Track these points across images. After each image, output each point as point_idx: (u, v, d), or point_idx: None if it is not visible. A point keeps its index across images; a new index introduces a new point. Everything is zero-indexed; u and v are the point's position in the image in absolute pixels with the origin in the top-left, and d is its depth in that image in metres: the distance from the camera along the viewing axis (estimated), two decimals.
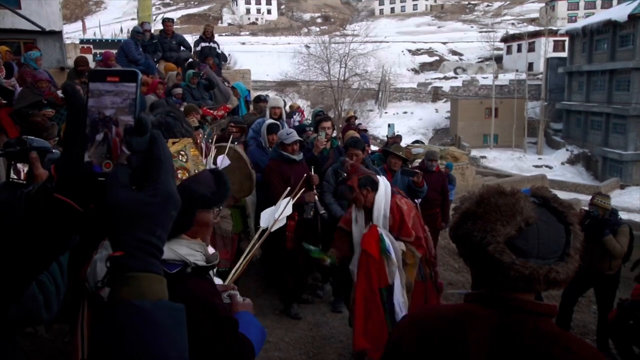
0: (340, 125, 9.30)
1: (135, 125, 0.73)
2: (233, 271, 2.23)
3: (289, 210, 3.01)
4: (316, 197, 4.98)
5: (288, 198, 3.06)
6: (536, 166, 35.18)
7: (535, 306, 1.20)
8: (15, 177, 1.53)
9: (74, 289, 2.21)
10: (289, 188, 3.43)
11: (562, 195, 24.39)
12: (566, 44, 41.47)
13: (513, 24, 70.38)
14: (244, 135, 6.11)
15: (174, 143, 1.47)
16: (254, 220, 5.01)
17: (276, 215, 2.90)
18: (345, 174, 4.64)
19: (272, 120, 5.83)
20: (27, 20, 11.08)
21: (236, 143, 6.03)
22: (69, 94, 0.72)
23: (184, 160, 1.43)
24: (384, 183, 3.94)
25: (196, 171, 1.45)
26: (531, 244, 1.18)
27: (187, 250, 1.41)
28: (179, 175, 1.39)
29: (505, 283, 1.18)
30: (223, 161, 3.52)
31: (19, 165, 1.53)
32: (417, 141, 17.91)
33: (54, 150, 1.61)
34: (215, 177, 1.50)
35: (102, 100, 0.75)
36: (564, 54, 41.56)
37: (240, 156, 4.57)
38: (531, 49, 47.49)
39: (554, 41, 45.96)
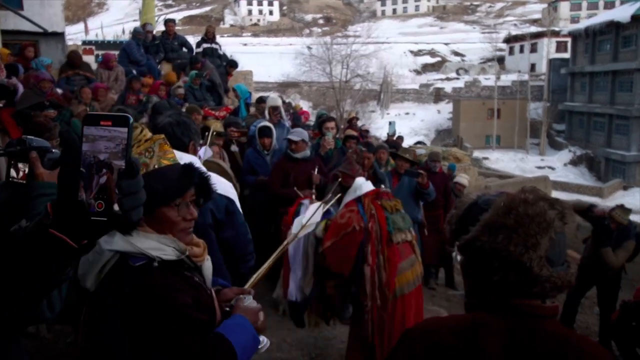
0: (342, 126, 9.29)
1: (126, 169, 0.79)
2: (255, 275, 2.21)
3: (318, 217, 3.00)
4: (313, 196, 4.96)
5: (318, 204, 3.04)
6: (539, 167, 35.11)
7: (543, 309, 1.19)
8: (14, 176, 1.54)
9: (77, 290, 2.21)
10: (314, 195, 3.45)
11: (565, 196, 24.34)
12: (569, 44, 41.39)
13: (515, 24, 70.30)
14: (246, 137, 6.12)
15: (145, 141, 1.46)
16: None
17: (303, 221, 2.89)
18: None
19: (265, 123, 5.85)
20: (29, 22, 11.09)
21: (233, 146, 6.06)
22: (65, 139, 0.79)
23: (149, 156, 1.42)
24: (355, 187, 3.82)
25: (156, 166, 1.43)
26: (557, 253, 1.17)
27: (155, 244, 1.40)
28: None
29: (508, 289, 1.17)
30: (205, 152, 3.50)
31: (20, 165, 1.54)
32: (419, 142, 17.92)
33: (54, 150, 1.61)
34: (183, 170, 1.48)
35: (96, 145, 0.81)
36: (567, 55, 41.49)
37: (225, 170, 4.62)
38: (534, 49, 47.42)
39: (557, 42, 45.90)
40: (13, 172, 1.55)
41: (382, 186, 4.28)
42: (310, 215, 2.97)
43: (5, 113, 6.56)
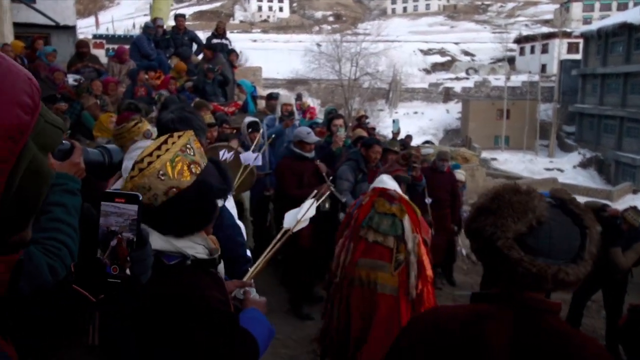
0: (350, 124, 9.28)
1: (137, 240, 0.95)
2: (252, 268, 2.23)
3: (312, 212, 3.00)
4: (331, 188, 4.97)
5: (312, 200, 3.05)
6: (547, 169, 34.90)
7: (547, 304, 1.21)
8: None
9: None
10: (315, 191, 3.44)
11: None
12: (580, 46, 41.05)
13: (527, 25, 69.84)
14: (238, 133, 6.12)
15: (179, 137, 1.46)
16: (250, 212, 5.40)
17: (299, 216, 2.89)
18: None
19: (252, 118, 5.89)
20: (41, 15, 11.17)
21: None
22: (85, 214, 0.93)
23: (192, 153, 1.42)
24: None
25: (204, 164, 1.45)
26: (541, 242, 1.18)
27: (189, 243, 1.42)
28: (193, 170, 1.39)
29: (515, 281, 1.19)
30: (225, 154, 3.52)
31: None
32: (427, 141, 17.82)
33: (64, 142, 1.60)
34: (218, 170, 1.51)
35: (108, 220, 0.98)
36: (578, 56, 41.15)
37: (238, 152, 4.63)
38: (545, 50, 47.10)
39: (568, 43, 45.55)
40: None
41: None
42: (305, 210, 2.97)
43: None
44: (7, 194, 0.59)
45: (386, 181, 3.83)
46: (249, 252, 2.64)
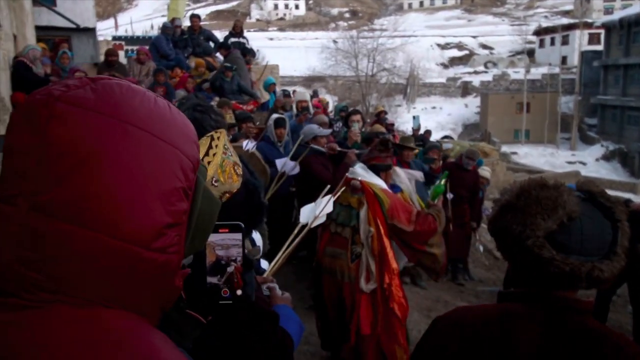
0: (369, 120, 9.24)
1: (244, 264, 1.04)
2: (272, 264, 2.23)
3: (329, 208, 2.99)
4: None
5: (329, 195, 3.03)
6: (569, 162, 34.29)
7: (579, 303, 1.17)
8: None
9: None
10: (328, 186, 3.41)
11: None
12: (602, 36, 40.20)
13: (546, 16, 68.63)
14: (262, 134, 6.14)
15: (218, 138, 1.41)
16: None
17: (317, 212, 2.88)
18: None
19: (279, 115, 5.89)
20: (62, 17, 11.35)
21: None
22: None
23: (231, 154, 1.38)
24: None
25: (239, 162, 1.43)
26: (573, 239, 1.13)
27: None
28: (237, 171, 1.35)
29: (546, 280, 1.15)
30: (248, 144, 3.53)
31: None
32: (446, 136, 17.65)
33: None
34: (245, 165, 1.50)
35: (217, 249, 1.09)
36: (600, 47, 40.31)
37: (253, 153, 4.65)
38: (565, 42, 46.22)
39: (589, 34, 44.63)
40: None
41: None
42: (323, 205, 2.95)
43: None
44: (192, 218, 0.67)
45: (356, 171, 3.76)
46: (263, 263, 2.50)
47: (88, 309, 0.58)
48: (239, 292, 1.00)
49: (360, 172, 3.72)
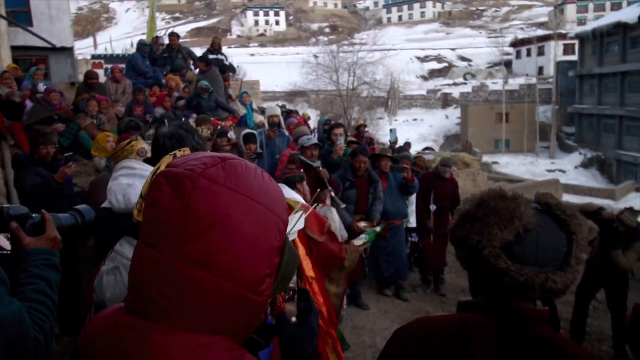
0: (349, 134, 9.29)
1: (299, 294, 1.19)
2: None
3: (300, 224, 2.98)
4: (332, 193, 4.97)
5: (300, 212, 3.02)
6: (549, 170, 34.85)
7: (534, 312, 1.17)
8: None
9: (83, 300, 2.20)
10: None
11: (577, 199, 23.92)
12: (576, 47, 41.21)
13: (522, 28, 70.14)
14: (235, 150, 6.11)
15: (181, 156, 1.45)
16: None
17: (288, 229, 2.87)
18: None
19: (248, 130, 5.94)
20: (38, 38, 11.26)
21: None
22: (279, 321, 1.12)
23: None
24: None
25: None
26: (529, 250, 1.14)
27: None
28: None
29: (502, 290, 1.15)
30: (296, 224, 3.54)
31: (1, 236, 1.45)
32: (427, 148, 17.83)
33: (33, 215, 1.54)
34: None
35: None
36: (574, 57, 41.28)
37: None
38: (541, 52, 47.25)
39: (564, 44, 45.71)
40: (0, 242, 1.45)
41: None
42: (295, 222, 2.95)
43: (17, 127, 6.67)
44: (280, 268, 0.85)
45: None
46: None
47: (202, 334, 0.76)
48: (293, 319, 1.08)
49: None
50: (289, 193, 3.57)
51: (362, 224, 5.43)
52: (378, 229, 4.31)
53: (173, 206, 0.76)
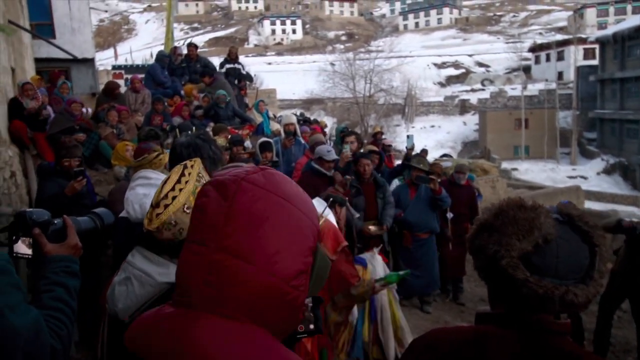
0: (366, 141, 9.28)
1: (313, 304, 1.15)
2: None
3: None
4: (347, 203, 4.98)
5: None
6: (570, 177, 34.26)
7: (555, 325, 1.14)
8: (19, 251, 1.48)
9: (96, 311, 2.22)
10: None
11: (600, 206, 23.42)
12: (597, 51, 40.62)
13: (541, 33, 69.49)
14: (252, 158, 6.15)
15: (192, 166, 1.48)
16: None
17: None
18: None
19: (264, 139, 5.96)
20: (61, 50, 11.51)
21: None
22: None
23: (205, 181, 1.45)
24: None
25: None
26: (548, 262, 1.11)
27: None
28: None
29: (520, 301, 1.13)
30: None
31: (23, 241, 1.48)
32: (445, 155, 17.70)
33: (55, 221, 1.55)
34: None
35: None
36: (595, 62, 40.69)
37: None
38: (560, 57, 46.71)
39: (584, 49, 45.15)
40: (21, 247, 1.48)
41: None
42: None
43: (40, 137, 6.82)
44: (314, 268, 0.92)
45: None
46: None
47: (242, 323, 0.83)
48: (311, 326, 1.11)
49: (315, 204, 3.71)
50: (320, 208, 3.52)
51: (372, 228, 5.39)
52: (402, 273, 4.02)
53: (218, 206, 0.85)
